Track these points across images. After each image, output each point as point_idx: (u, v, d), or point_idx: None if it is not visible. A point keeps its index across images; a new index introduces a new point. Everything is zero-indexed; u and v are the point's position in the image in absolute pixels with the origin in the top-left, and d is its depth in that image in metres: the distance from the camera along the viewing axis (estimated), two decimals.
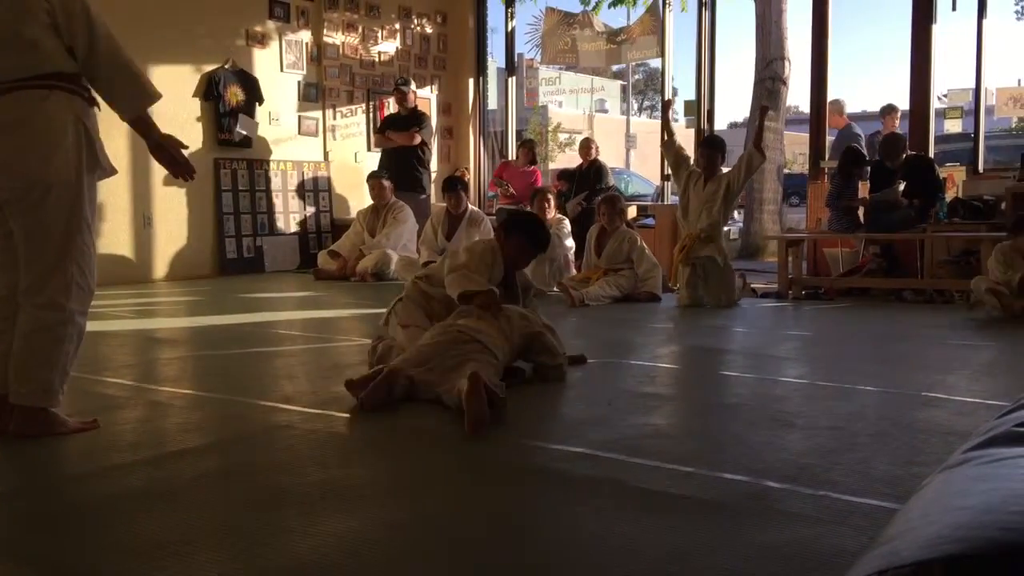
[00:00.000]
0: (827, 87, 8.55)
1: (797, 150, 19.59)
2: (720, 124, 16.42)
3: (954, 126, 9.49)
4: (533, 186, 8.64)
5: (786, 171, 15.29)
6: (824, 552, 1.84)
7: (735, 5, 14.19)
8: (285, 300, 7.18)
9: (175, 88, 8.09)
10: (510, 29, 10.61)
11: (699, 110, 9.20)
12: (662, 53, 9.46)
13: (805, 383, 3.78)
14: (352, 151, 9.88)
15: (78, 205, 2.74)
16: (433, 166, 9.80)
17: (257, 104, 8.81)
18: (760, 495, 2.22)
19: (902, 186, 7.20)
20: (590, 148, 8.98)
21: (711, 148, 6.76)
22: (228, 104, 8.57)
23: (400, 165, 8.91)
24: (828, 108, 8.64)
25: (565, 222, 7.44)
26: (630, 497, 2.21)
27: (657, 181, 11.88)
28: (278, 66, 9.10)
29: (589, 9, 9.96)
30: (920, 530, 0.82)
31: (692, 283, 6.45)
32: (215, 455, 2.63)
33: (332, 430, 2.88)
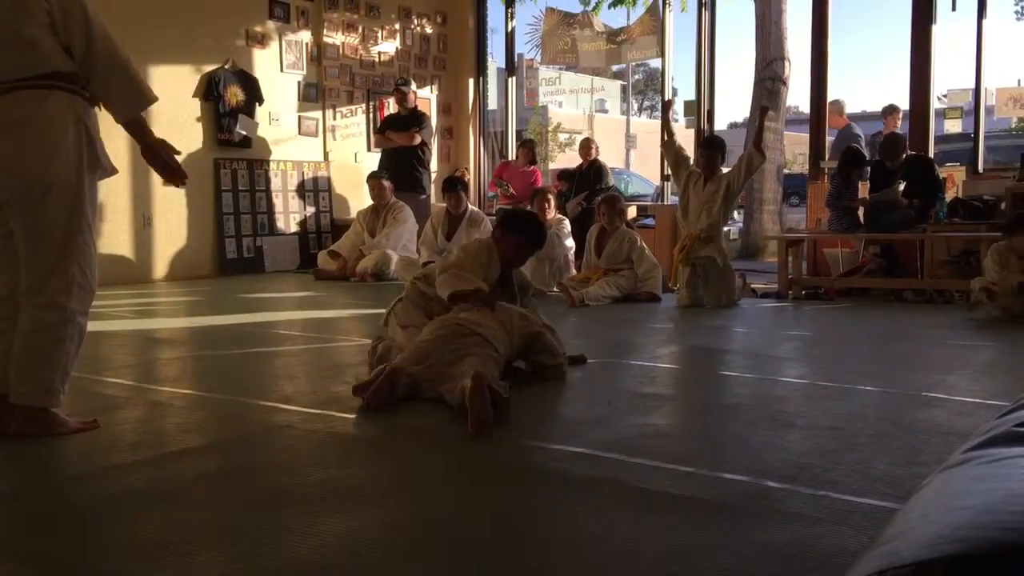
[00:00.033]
0: (827, 87, 8.56)
1: (797, 150, 19.59)
2: (720, 124, 16.45)
3: (954, 126, 9.50)
4: (533, 186, 8.64)
5: (786, 171, 15.30)
6: (824, 552, 1.84)
7: (735, 5, 14.21)
8: (285, 300, 7.18)
9: (175, 88, 8.10)
10: (510, 29, 10.61)
11: (699, 110, 9.20)
12: (662, 53, 9.46)
13: (805, 383, 3.78)
14: (352, 151, 9.88)
15: (79, 205, 2.74)
16: (433, 166, 9.80)
17: (257, 104, 8.81)
18: (760, 495, 2.22)
19: (902, 186, 7.20)
20: (590, 148, 8.98)
21: (711, 148, 6.76)
22: (228, 104, 8.57)
23: (400, 165, 8.91)
24: (828, 108, 8.64)
25: (565, 222, 7.44)
26: (630, 497, 2.21)
27: (657, 181, 11.88)
28: (278, 66, 9.10)
29: (589, 9, 9.96)
30: (920, 530, 0.83)
31: (692, 283, 6.45)
32: (215, 455, 2.63)
33: (332, 430, 2.88)
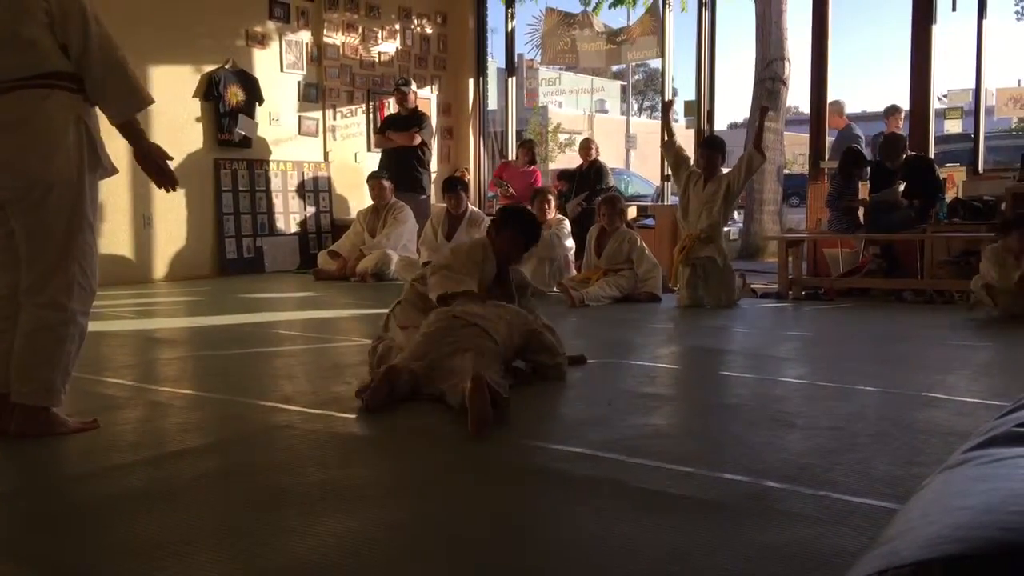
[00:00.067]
0: (827, 87, 8.56)
1: (797, 151, 19.59)
2: (720, 124, 16.45)
3: (954, 126, 9.49)
4: (533, 186, 8.64)
5: (786, 172, 15.30)
6: (824, 552, 1.84)
7: (735, 5, 14.21)
8: (285, 300, 7.19)
9: (175, 88, 8.10)
10: (510, 29, 10.61)
11: (699, 110, 9.20)
12: (662, 53, 9.46)
13: (805, 383, 3.78)
14: (352, 151, 9.88)
15: (79, 205, 2.74)
16: (433, 166, 9.80)
17: (257, 104, 8.81)
18: (760, 495, 2.22)
19: (902, 186, 7.20)
20: (590, 148, 8.98)
21: (711, 149, 6.76)
22: (228, 104, 8.57)
23: (400, 165, 8.92)
24: (828, 109, 8.64)
25: (565, 222, 7.43)
26: (630, 497, 2.21)
27: (657, 181, 11.88)
28: (278, 66, 9.10)
29: (589, 9, 9.96)
30: (920, 530, 0.83)
31: (692, 283, 6.45)
32: (215, 455, 2.63)
33: (332, 430, 2.88)
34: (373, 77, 10.01)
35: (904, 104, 8.36)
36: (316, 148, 9.56)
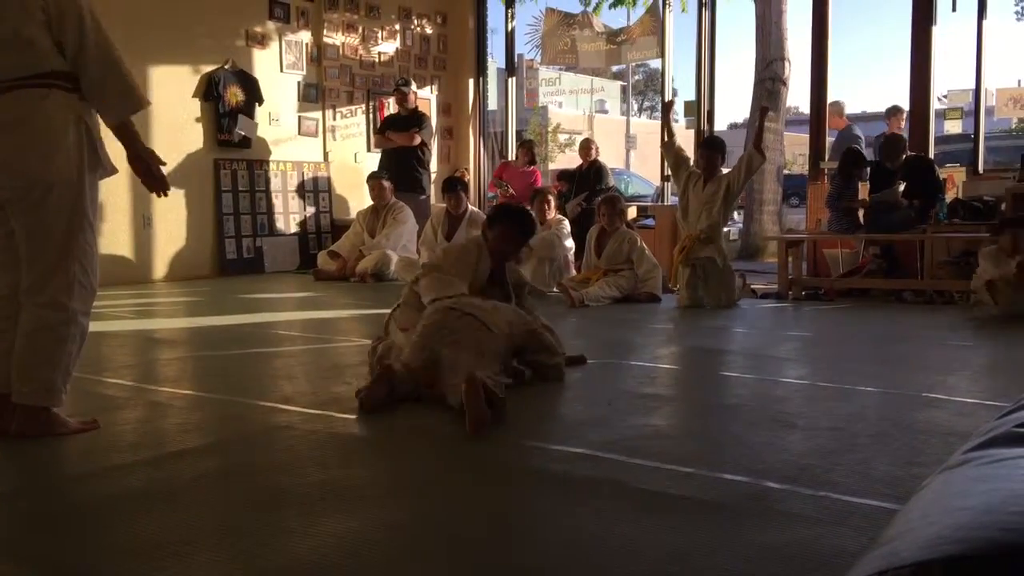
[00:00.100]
0: (827, 88, 8.56)
1: (797, 151, 19.59)
2: (720, 125, 16.43)
3: (954, 127, 9.49)
4: (533, 186, 8.64)
5: (786, 172, 15.30)
6: (824, 553, 1.84)
7: (735, 5, 14.18)
8: (285, 301, 7.19)
9: (175, 88, 8.10)
10: (510, 29, 10.61)
11: (699, 111, 9.20)
12: (662, 54, 9.46)
13: (805, 384, 3.78)
14: (352, 151, 9.88)
15: (80, 204, 2.74)
16: (433, 167, 9.80)
17: (257, 104, 8.81)
18: (760, 496, 2.22)
19: (902, 187, 7.20)
20: (590, 149, 8.98)
21: (711, 149, 6.76)
22: (228, 104, 8.57)
23: (400, 166, 8.92)
24: (828, 109, 8.65)
25: (565, 222, 7.43)
26: (630, 498, 2.21)
27: (657, 182, 11.88)
28: (278, 66, 9.10)
29: (589, 10, 9.97)
30: (920, 531, 0.83)
31: (692, 284, 6.45)
32: (215, 455, 2.63)
33: (332, 430, 2.88)
34: (373, 77, 10.01)
35: (904, 104, 8.37)
36: (316, 148, 9.56)
